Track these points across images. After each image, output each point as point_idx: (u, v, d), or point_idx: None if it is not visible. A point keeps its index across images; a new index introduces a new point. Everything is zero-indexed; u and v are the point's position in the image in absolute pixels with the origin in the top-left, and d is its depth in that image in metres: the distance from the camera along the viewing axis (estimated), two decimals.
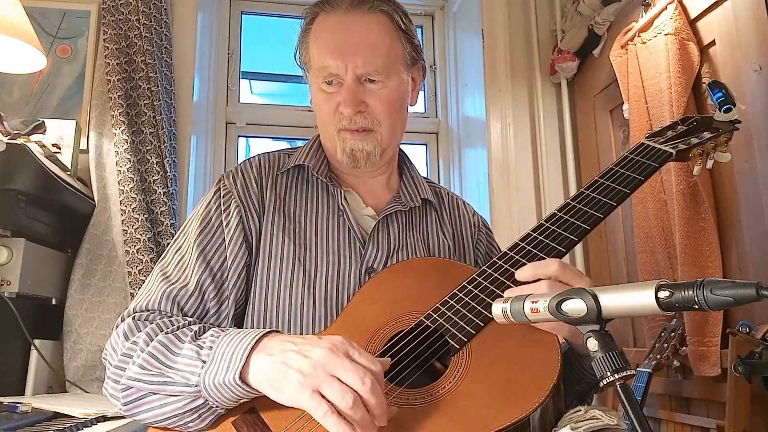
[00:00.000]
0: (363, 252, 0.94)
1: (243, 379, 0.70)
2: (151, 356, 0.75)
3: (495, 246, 1.12)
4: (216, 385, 0.70)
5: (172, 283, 0.87)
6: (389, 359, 0.74)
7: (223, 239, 0.91)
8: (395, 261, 0.96)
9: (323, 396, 0.65)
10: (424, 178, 1.11)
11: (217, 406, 0.73)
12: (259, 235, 0.94)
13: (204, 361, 0.72)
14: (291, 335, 0.74)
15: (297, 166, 1.01)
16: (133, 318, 0.82)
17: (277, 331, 0.75)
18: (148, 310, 0.84)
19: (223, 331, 0.77)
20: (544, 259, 0.84)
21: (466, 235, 1.08)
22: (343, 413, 0.64)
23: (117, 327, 0.83)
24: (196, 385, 0.72)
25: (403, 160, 1.11)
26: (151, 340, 0.77)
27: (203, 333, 0.77)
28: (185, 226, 0.96)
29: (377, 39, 0.93)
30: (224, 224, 0.93)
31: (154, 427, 0.77)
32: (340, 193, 0.98)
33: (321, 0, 0.97)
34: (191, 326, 0.79)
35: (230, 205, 0.94)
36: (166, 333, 0.77)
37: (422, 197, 1.04)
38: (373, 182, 1.05)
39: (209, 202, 0.96)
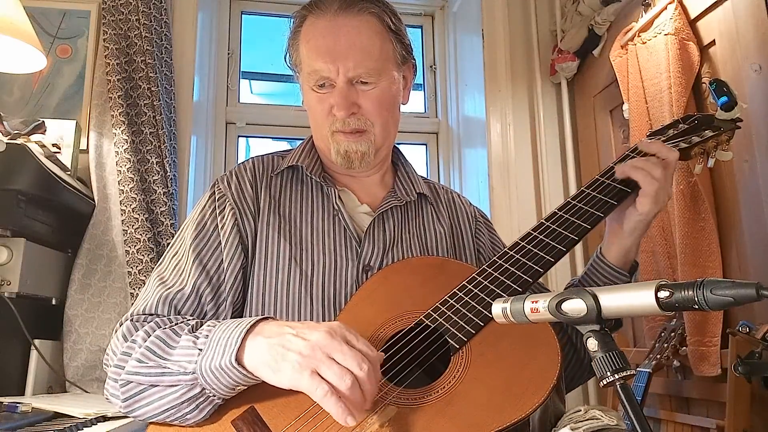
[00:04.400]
0: (359, 251, 0.95)
1: (239, 361, 0.71)
2: (148, 350, 0.76)
3: (497, 237, 1.12)
4: (212, 370, 0.71)
5: (169, 287, 0.87)
6: (383, 353, 0.74)
7: (219, 242, 0.92)
8: (391, 258, 0.96)
9: (322, 377, 0.66)
10: (420, 176, 1.12)
11: (213, 395, 0.74)
12: (255, 237, 0.94)
13: (200, 349, 0.73)
14: (287, 321, 0.76)
15: (291, 167, 1.02)
16: (131, 321, 0.83)
17: (272, 318, 0.76)
18: (145, 314, 0.85)
19: (220, 322, 0.78)
20: (545, 258, 0.84)
21: (464, 227, 1.08)
22: (341, 394, 0.65)
23: (116, 331, 0.84)
24: (193, 372, 0.72)
25: (397, 157, 1.11)
26: (149, 336, 0.78)
27: (200, 326, 0.79)
28: (181, 231, 0.96)
29: (367, 41, 0.94)
30: (220, 227, 0.93)
31: (154, 423, 0.77)
32: (335, 192, 0.99)
33: (310, 2, 0.98)
34: (188, 321, 0.81)
35: (225, 208, 0.95)
36: (164, 328, 0.78)
37: (417, 192, 1.05)
38: (368, 181, 1.05)
39: (204, 206, 0.96)
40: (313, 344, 0.68)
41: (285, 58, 1.03)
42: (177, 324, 0.80)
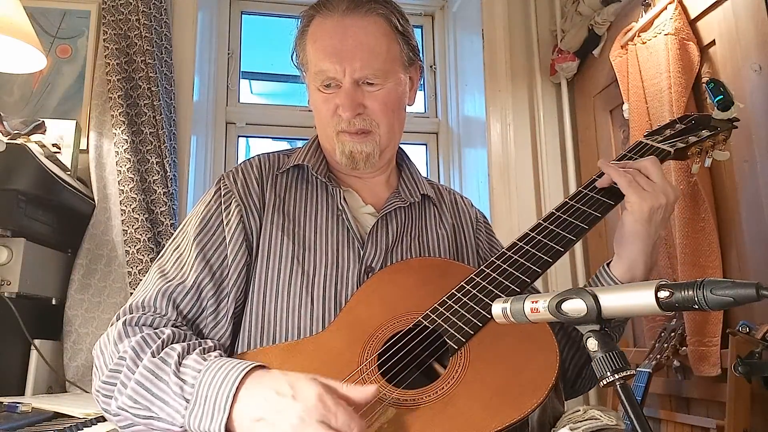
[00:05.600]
0: (362, 252, 0.94)
1: (228, 430, 0.70)
2: (139, 385, 0.74)
3: (496, 241, 1.12)
4: (201, 430, 0.71)
5: (169, 281, 0.87)
6: (377, 387, 0.71)
7: (224, 238, 0.91)
8: (393, 259, 0.95)
9: None
10: (424, 177, 1.12)
11: None
12: (259, 235, 0.94)
13: (187, 400, 0.72)
14: (268, 383, 0.71)
15: (296, 166, 1.02)
16: (125, 322, 0.82)
17: (260, 367, 0.74)
18: (143, 308, 0.84)
19: (205, 360, 0.75)
20: (543, 258, 0.84)
21: (466, 228, 1.08)
22: None
23: (111, 325, 0.83)
24: (182, 426, 0.72)
25: (402, 158, 1.11)
26: (140, 360, 0.76)
27: (185, 357, 0.76)
28: (184, 225, 0.95)
29: (374, 42, 0.93)
30: (225, 223, 0.93)
31: None
32: (339, 193, 0.98)
33: (318, 2, 0.97)
34: (174, 345, 0.78)
35: (231, 204, 0.94)
36: (152, 356, 0.76)
37: (421, 193, 1.04)
38: (373, 181, 1.05)
39: (209, 201, 0.96)
40: (301, 415, 0.66)
41: (291, 57, 1.03)
42: (163, 347, 0.77)
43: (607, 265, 0.91)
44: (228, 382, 0.71)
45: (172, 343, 0.79)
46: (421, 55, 1.07)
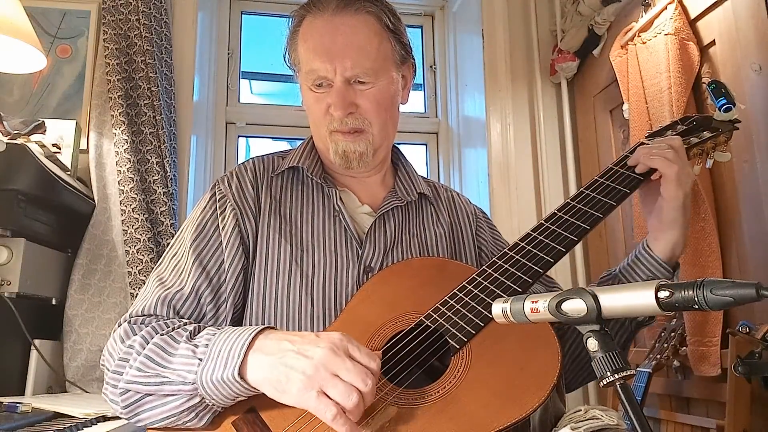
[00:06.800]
0: (360, 252, 0.94)
1: (242, 376, 0.71)
2: (147, 358, 0.75)
3: (498, 234, 1.12)
4: (214, 382, 0.71)
5: (168, 288, 0.87)
6: (380, 351, 0.75)
7: (220, 242, 0.91)
8: (392, 259, 0.96)
9: (329, 397, 0.66)
10: (420, 175, 1.12)
11: (214, 404, 0.74)
12: (256, 238, 0.94)
13: (200, 359, 0.73)
14: (287, 333, 0.75)
15: (291, 167, 1.01)
16: (129, 323, 0.83)
17: (272, 328, 0.76)
18: (144, 315, 0.85)
19: (219, 329, 0.77)
20: (544, 258, 0.84)
21: (464, 226, 1.08)
22: (346, 411, 0.65)
23: (114, 332, 0.83)
24: (193, 383, 0.72)
25: (397, 157, 1.11)
26: (147, 343, 0.77)
27: (198, 332, 0.78)
28: (180, 232, 0.95)
29: (365, 40, 0.93)
30: (221, 228, 0.92)
31: (154, 428, 0.77)
32: (335, 193, 0.99)
33: (308, 2, 0.98)
34: (186, 326, 0.79)
35: (226, 208, 0.94)
36: (162, 335, 0.78)
37: (418, 191, 1.04)
38: (368, 181, 1.05)
39: (205, 207, 0.96)
40: (316, 363, 0.67)
41: (284, 58, 1.03)
42: (174, 330, 0.79)
43: (647, 245, 0.93)
44: (243, 336, 0.73)
45: (184, 326, 0.80)
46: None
